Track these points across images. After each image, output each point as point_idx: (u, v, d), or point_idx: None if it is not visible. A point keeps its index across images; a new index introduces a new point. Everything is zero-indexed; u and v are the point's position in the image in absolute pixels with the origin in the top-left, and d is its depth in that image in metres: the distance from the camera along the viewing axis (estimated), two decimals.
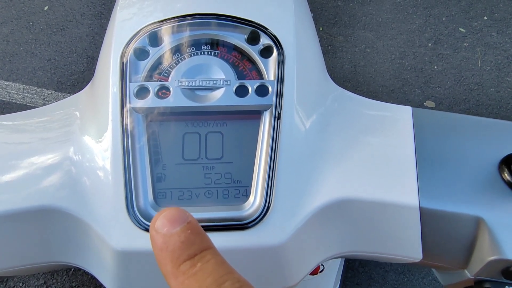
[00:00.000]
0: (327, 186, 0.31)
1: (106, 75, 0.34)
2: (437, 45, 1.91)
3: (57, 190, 0.31)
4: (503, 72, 1.84)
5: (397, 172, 0.31)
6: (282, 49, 0.34)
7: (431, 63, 1.86)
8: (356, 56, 1.87)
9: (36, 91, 1.72)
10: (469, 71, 1.83)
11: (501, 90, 1.79)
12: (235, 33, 0.36)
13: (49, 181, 0.32)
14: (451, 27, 1.97)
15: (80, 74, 1.77)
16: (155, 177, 0.32)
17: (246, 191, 0.31)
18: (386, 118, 0.35)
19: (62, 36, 1.90)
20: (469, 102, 1.76)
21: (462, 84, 1.81)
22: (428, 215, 0.30)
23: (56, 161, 0.33)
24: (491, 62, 1.86)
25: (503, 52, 1.90)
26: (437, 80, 1.81)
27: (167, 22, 0.36)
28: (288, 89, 0.33)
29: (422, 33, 1.95)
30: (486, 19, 2.00)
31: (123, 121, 0.32)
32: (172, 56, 0.35)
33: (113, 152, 0.31)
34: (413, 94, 1.76)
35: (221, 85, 0.33)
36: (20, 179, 0.32)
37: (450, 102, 1.75)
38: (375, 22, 1.99)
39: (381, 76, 1.81)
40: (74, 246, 0.32)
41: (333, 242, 0.32)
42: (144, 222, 0.30)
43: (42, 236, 0.32)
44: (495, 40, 1.93)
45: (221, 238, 0.29)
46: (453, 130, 0.33)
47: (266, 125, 0.32)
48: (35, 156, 0.34)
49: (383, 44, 1.91)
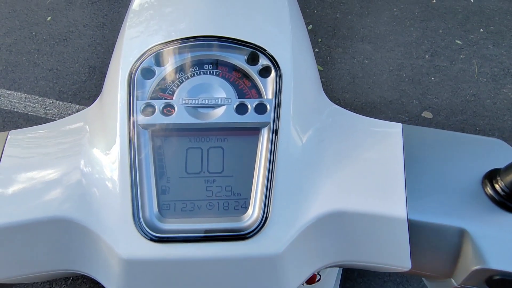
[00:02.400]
0: (321, 199, 0.33)
1: (114, 93, 0.36)
2: (434, 57, 1.94)
3: (68, 202, 0.33)
4: (499, 84, 1.86)
5: (387, 186, 0.33)
6: (280, 69, 0.36)
7: (429, 74, 1.88)
8: (354, 67, 1.89)
9: (37, 100, 1.73)
10: (466, 82, 1.86)
11: (497, 101, 1.81)
12: (236, 54, 0.38)
13: (60, 192, 0.34)
14: (448, 40, 2.00)
15: (82, 84, 1.80)
16: (160, 189, 0.33)
17: (245, 203, 0.33)
18: (378, 134, 0.37)
19: (65, 46, 1.93)
20: (466, 113, 1.78)
21: (459, 95, 1.83)
22: (415, 226, 0.32)
23: (67, 173, 0.35)
24: (487, 74, 1.89)
25: (499, 64, 1.92)
26: (434, 91, 1.83)
27: (171, 43, 0.38)
28: (285, 107, 0.35)
29: (419, 45, 1.98)
30: (482, 31, 2.04)
31: (130, 136, 0.34)
32: (176, 75, 0.37)
33: (120, 166, 0.33)
34: (410, 105, 1.78)
35: (222, 103, 0.35)
36: (33, 191, 0.34)
37: (447, 113, 1.77)
38: (373, 34, 2.02)
39: (379, 87, 1.83)
40: (82, 254, 0.34)
41: (327, 252, 0.34)
42: (150, 232, 0.31)
43: (53, 245, 0.33)
44: (491, 52, 1.96)
45: (221, 248, 0.31)
46: (440, 146, 0.35)
47: (264, 141, 0.34)
48: (47, 168, 0.35)
49: (381, 55, 1.93)
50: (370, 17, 2.09)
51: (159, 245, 0.31)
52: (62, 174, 0.35)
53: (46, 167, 0.35)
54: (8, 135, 0.38)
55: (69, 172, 0.35)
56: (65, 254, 0.34)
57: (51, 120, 1.66)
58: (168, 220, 0.32)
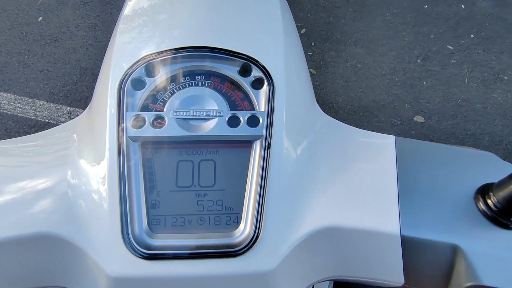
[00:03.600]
0: (314, 214, 0.32)
1: (103, 103, 0.35)
2: (426, 62, 1.95)
3: (53, 216, 0.32)
4: (490, 89, 1.88)
5: (380, 201, 0.33)
6: (272, 81, 0.36)
7: (420, 79, 1.90)
8: (347, 71, 1.90)
9: (27, 102, 1.71)
10: (457, 87, 1.87)
11: (487, 106, 1.83)
12: (228, 65, 0.37)
13: (45, 206, 0.33)
14: (439, 44, 2.02)
15: (73, 85, 1.78)
16: (150, 203, 0.33)
17: (237, 218, 0.32)
18: (371, 147, 0.36)
19: (56, 47, 1.91)
20: (457, 117, 1.79)
21: (450, 100, 1.84)
22: (408, 242, 0.32)
23: (53, 185, 0.34)
24: (478, 79, 1.91)
25: (490, 69, 1.94)
26: (426, 95, 1.85)
27: (163, 54, 0.37)
28: (277, 120, 0.34)
29: (411, 49, 2.00)
30: (473, 37, 2.06)
31: (120, 149, 0.33)
32: (167, 86, 0.37)
33: (109, 179, 0.32)
34: (403, 109, 1.80)
35: (214, 115, 0.35)
36: (16, 204, 0.33)
37: (438, 118, 1.79)
38: (366, 38, 2.03)
39: (372, 91, 1.84)
40: (68, 271, 0.33)
41: (319, 267, 0.33)
42: (139, 249, 0.31)
43: (37, 261, 0.32)
44: (482, 57, 1.98)
45: (212, 265, 0.30)
46: (433, 159, 0.35)
47: (256, 154, 0.34)
48: (31, 180, 0.34)
49: (374, 60, 1.94)
50: (363, 21, 2.10)
51: (148, 263, 0.30)
52: (48, 186, 0.34)
53: (31, 178, 0.35)
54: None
55: (55, 184, 0.34)
56: (50, 270, 0.33)
57: (41, 121, 1.64)
58: (158, 236, 0.32)
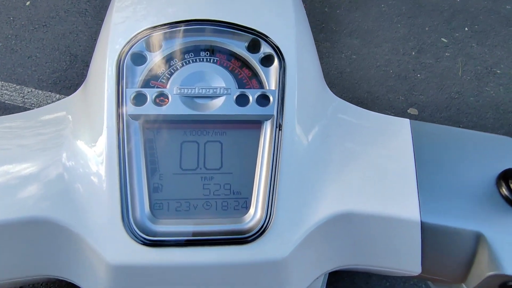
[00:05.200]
0: (328, 199, 0.31)
1: (100, 80, 0.33)
2: (421, 54, 1.95)
3: (47, 200, 0.30)
4: (483, 82, 1.89)
5: (398, 186, 0.31)
6: (283, 58, 0.34)
7: (415, 71, 1.90)
8: (342, 62, 1.89)
9: (15, 88, 1.66)
10: (451, 80, 1.88)
11: (480, 99, 1.84)
12: (235, 40, 0.35)
13: (39, 189, 0.30)
14: (434, 37, 2.02)
15: (63, 72, 1.73)
16: (152, 187, 0.31)
17: (246, 203, 0.31)
18: (385, 131, 0.35)
19: (44, 32, 1.85)
20: (450, 110, 1.80)
21: (443, 92, 1.85)
22: (428, 230, 0.30)
23: (47, 167, 0.32)
24: (471, 72, 1.92)
25: (483, 63, 1.95)
26: (420, 88, 1.85)
27: (165, 27, 0.35)
28: (289, 99, 0.32)
29: (406, 41, 1.99)
30: (467, 30, 2.06)
31: (119, 128, 0.31)
32: (170, 62, 0.35)
33: (108, 161, 0.30)
34: (397, 101, 1.79)
35: (221, 93, 0.33)
36: (7, 187, 0.31)
37: (432, 110, 1.79)
38: (361, 29, 2.02)
39: (367, 83, 1.83)
40: (64, 258, 0.31)
41: (333, 256, 0.32)
42: (141, 235, 0.28)
43: (30, 249, 0.30)
44: (475, 51, 1.99)
45: (221, 252, 0.29)
46: (451, 144, 0.34)
47: (267, 136, 0.32)
48: (23, 162, 0.32)
49: (369, 51, 1.93)
50: (358, 12, 2.09)
51: (151, 250, 0.28)
52: (42, 168, 0.32)
53: (23, 160, 0.32)
54: None
55: (49, 166, 0.32)
56: (44, 258, 0.31)
57: (29, 109, 1.59)
58: (161, 221, 0.30)
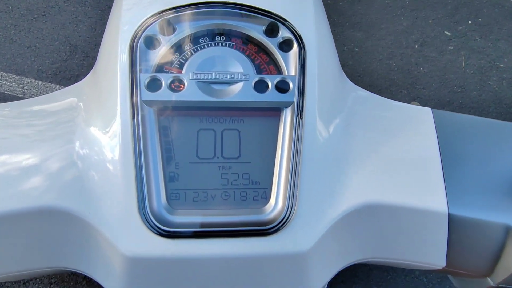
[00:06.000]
0: (352, 190, 0.30)
1: (113, 65, 0.32)
2: (424, 47, 1.94)
3: (61, 188, 0.29)
4: (485, 76, 1.88)
5: (423, 176, 0.30)
6: (303, 42, 0.33)
7: (417, 64, 1.88)
8: (344, 55, 1.87)
9: (15, 79, 1.64)
10: (453, 74, 1.87)
11: (483, 93, 1.83)
12: (253, 24, 0.34)
13: (51, 178, 0.29)
14: (437, 30, 2.00)
15: (62, 63, 1.71)
16: (168, 176, 0.30)
17: (265, 193, 0.30)
18: (407, 120, 0.34)
19: (44, 22, 1.83)
20: (452, 104, 1.79)
21: (446, 86, 1.84)
22: (456, 222, 0.29)
23: (60, 155, 0.31)
24: (474, 65, 1.90)
25: (486, 57, 1.94)
26: (422, 81, 1.84)
27: (180, 9, 0.33)
28: (310, 85, 0.31)
29: (409, 34, 1.98)
30: (470, 23, 2.05)
31: (133, 115, 0.30)
32: (185, 46, 0.33)
33: (122, 150, 0.29)
34: (399, 94, 1.78)
35: (239, 79, 0.32)
36: (19, 176, 0.29)
37: (434, 104, 1.78)
38: (364, 22, 2.00)
39: (369, 76, 1.82)
40: (78, 250, 0.30)
41: (356, 248, 0.31)
42: (158, 226, 0.27)
43: (43, 239, 0.29)
44: (479, 44, 1.97)
45: (241, 244, 0.28)
46: (476, 133, 0.33)
47: (287, 123, 0.30)
48: (35, 150, 0.31)
49: (372, 44, 1.92)
50: (362, 4, 2.07)
51: (168, 241, 0.27)
52: (54, 157, 0.30)
53: (35, 149, 0.31)
54: None
55: (63, 154, 0.31)
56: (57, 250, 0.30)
57: None
58: (178, 212, 0.28)
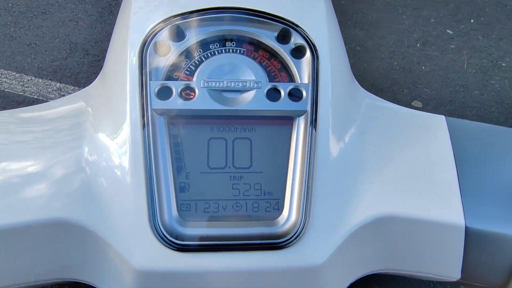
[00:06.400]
0: (367, 201, 0.29)
1: (121, 70, 0.31)
2: (425, 46, 1.93)
3: (70, 200, 0.28)
4: (488, 75, 1.88)
5: (439, 188, 0.30)
6: (316, 49, 0.32)
7: (419, 63, 1.88)
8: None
9: (15, 77, 1.63)
10: (455, 73, 1.86)
11: (485, 93, 1.83)
12: (264, 30, 0.33)
13: (59, 187, 0.29)
14: (439, 29, 1.99)
15: (63, 61, 1.70)
16: (178, 186, 0.29)
17: (277, 204, 0.29)
18: (421, 128, 0.33)
19: (44, 20, 1.81)
20: (454, 103, 1.79)
21: (448, 85, 1.83)
22: (473, 235, 0.29)
23: (68, 163, 0.30)
24: (476, 65, 1.90)
25: (488, 56, 1.94)
26: (424, 80, 1.83)
27: (190, 14, 0.33)
28: (323, 93, 0.31)
29: (411, 33, 1.97)
30: (473, 22, 2.04)
31: (144, 123, 0.29)
32: (195, 52, 0.33)
33: (132, 159, 0.29)
34: (401, 94, 1.78)
35: (251, 87, 0.31)
36: (25, 186, 0.29)
37: (436, 103, 1.78)
38: (366, 20, 1.99)
39: (371, 75, 1.81)
40: (86, 262, 0.29)
41: (370, 260, 0.31)
42: (169, 239, 0.27)
43: (52, 251, 0.29)
44: (481, 43, 1.97)
45: (254, 258, 0.27)
46: (491, 142, 0.32)
47: (300, 132, 0.30)
48: (41, 158, 0.30)
49: (373, 43, 1.91)
50: (363, 2, 2.06)
51: (180, 254, 0.27)
52: (62, 165, 0.30)
53: (41, 157, 0.30)
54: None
55: (71, 161, 0.30)
56: (66, 262, 0.29)
57: (29, 98, 1.57)
58: (190, 224, 0.28)
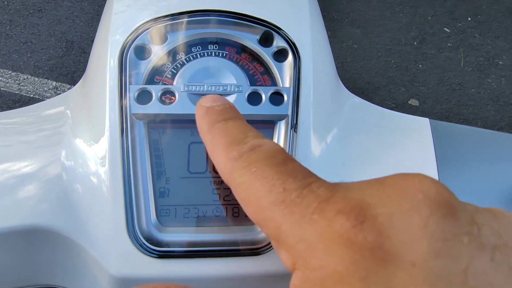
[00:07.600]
0: None
1: (101, 74, 0.31)
2: (422, 44, 1.93)
3: (45, 205, 0.28)
4: (484, 74, 1.87)
5: None
6: (298, 52, 0.32)
7: (416, 62, 1.87)
8: (343, 52, 1.86)
9: (11, 75, 1.63)
10: (452, 71, 1.86)
11: (481, 91, 1.83)
12: (246, 33, 0.33)
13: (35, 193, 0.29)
14: (436, 27, 1.99)
15: (59, 59, 1.69)
16: (158, 191, 0.29)
17: None
18: (404, 131, 0.33)
19: (40, 18, 1.81)
20: (450, 101, 1.79)
21: (444, 83, 1.83)
22: None
23: (44, 167, 0.30)
24: (473, 63, 1.89)
25: (485, 54, 1.93)
26: (421, 79, 1.83)
27: (171, 17, 0.33)
28: (304, 97, 0.31)
29: (408, 31, 1.96)
30: (469, 20, 2.03)
31: (122, 128, 0.29)
32: (176, 56, 0.33)
33: (111, 164, 0.29)
34: (397, 92, 1.78)
35: (232, 91, 0.31)
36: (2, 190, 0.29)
37: (433, 101, 1.77)
38: (363, 18, 1.99)
39: (367, 73, 1.81)
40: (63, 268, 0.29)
41: None
42: (147, 245, 0.27)
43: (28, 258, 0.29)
44: (478, 41, 1.96)
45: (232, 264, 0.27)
46: (475, 145, 0.32)
47: (281, 136, 0.30)
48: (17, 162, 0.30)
49: (370, 41, 1.91)
50: (360, 0, 2.05)
51: (158, 261, 0.27)
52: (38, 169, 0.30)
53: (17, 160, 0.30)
54: None
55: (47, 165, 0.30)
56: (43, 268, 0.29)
57: (25, 96, 1.57)
58: (168, 230, 0.28)
